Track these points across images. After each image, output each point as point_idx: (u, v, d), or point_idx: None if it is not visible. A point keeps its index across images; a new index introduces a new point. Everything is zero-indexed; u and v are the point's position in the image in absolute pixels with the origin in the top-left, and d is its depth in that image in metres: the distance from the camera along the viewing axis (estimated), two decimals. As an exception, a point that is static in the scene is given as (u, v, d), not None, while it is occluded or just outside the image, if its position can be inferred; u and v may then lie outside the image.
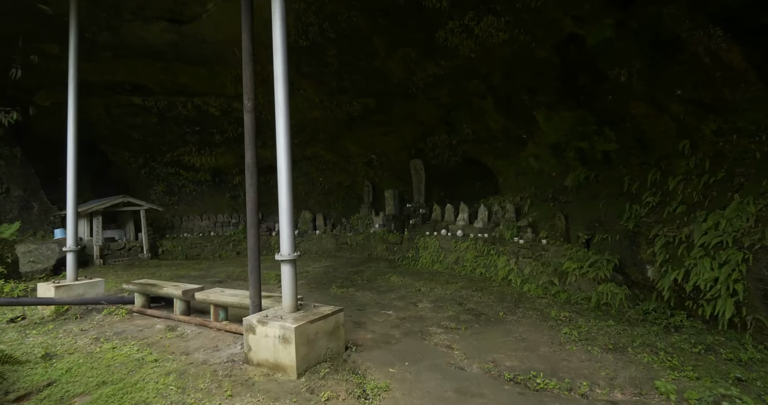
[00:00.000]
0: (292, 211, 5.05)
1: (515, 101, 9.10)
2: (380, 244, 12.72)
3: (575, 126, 8.04)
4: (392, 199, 13.60)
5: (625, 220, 6.89)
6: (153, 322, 6.92)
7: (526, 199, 9.74)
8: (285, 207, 5.03)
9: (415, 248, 11.28)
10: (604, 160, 7.95)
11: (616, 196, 7.44)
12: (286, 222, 5.02)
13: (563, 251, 7.58)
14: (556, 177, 9.24)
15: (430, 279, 9.49)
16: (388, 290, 8.91)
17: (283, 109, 5.11)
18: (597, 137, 7.78)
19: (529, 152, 9.73)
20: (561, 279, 7.41)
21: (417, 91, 10.60)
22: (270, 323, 4.53)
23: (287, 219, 5.02)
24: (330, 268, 11.75)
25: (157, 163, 15.90)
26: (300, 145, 14.46)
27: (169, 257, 15.69)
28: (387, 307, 7.56)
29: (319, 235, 15.02)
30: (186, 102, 12.51)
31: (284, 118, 5.09)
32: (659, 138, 6.75)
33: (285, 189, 5.08)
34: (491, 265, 9.00)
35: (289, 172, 5.09)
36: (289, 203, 5.03)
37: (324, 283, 9.97)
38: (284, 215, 5.01)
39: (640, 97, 6.60)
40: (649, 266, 6.36)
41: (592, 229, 7.53)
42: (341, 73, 10.49)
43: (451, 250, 10.19)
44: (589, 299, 6.92)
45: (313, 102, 11.83)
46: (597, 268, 6.79)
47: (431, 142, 12.56)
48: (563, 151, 8.75)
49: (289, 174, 5.09)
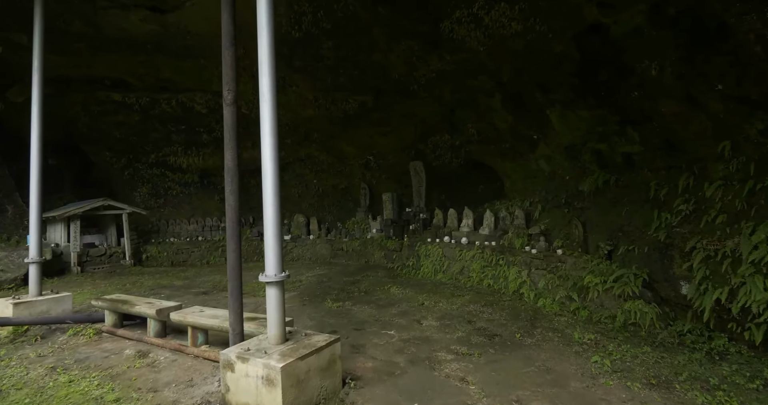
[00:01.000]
0: (278, 223, 4.24)
1: (526, 99, 8.38)
2: (378, 250, 11.95)
3: (594, 126, 7.33)
4: (390, 202, 12.84)
5: (654, 230, 6.17)
6: (122, 345, 6.08)
7: (537, 205, 9.02)
8: (271, 217, 4.23)
9: (415, 256, 10.52)
10: (626, 163, 7.24)
11: (641, 203, 6.74)
12: (272, 235, 4.21)
13: (582, 263, 6.86)
14: (569, 181, 8.53)
15: (433, 291, 8.72)
16: (389, 304, 8.14)
17: (269, 102, 4.31)
18: (618, 138, 7.08)
19: (540, 154, 9.01)
20: (581, 294, 6.68)
21: (418, 88, 9.85)
22: (252, 360, 3.73)
23: (273, 232, 4.21)
24: (324, 278, 10.94)
25: (142, 163, 15.00)
26: (293, 145, 13.65)
27: (153, 263, 14.78)
28: (388, 326, 6.78)
29: (313, 240, 14.21)
30: (170, 99, 11.65)
31: (270, 112, 4.30)
32: (692, 139, 6.05)
33: (271, 196, 4.28)
34: (500, 276, 8.26)
35: (276, 176, 4.28)
36: (276, 213, 4.22)
37: (318, 295, 9.17)
38: (270, 227, 4.20)
39: (671, 94, 5.90)
40: (684, 282, 5.65)
41: (614, 238, 6.82)
42: (337, 67, 9.71)
43: (455, 259, 9.44)
44: (614, 318, 6.19)
45: (306, 99, 11.04)
46: (623, 283, 6.07)
47: (432, 143, 11.82)
48: (578, 153, 8.04)
49: (276, 178, 4.28)
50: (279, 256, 4.25)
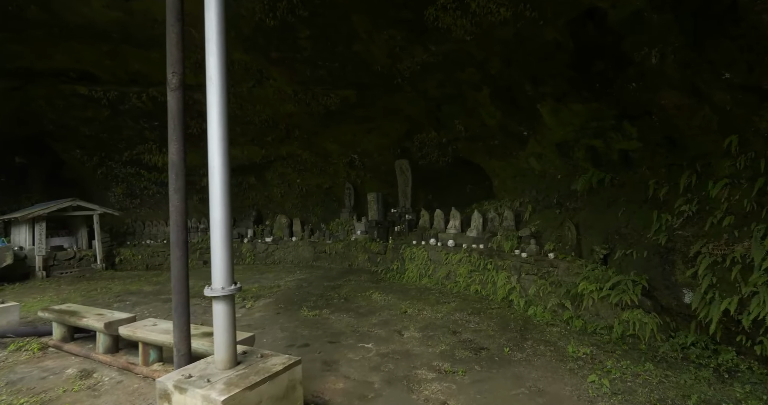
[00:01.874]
0: (228, 226, 3.59)
1: (516, 93, 7.84)
2: (362, 253, 11.33)
3: (588, 121, 6.80)
4: (375, 203, 12.23)
5: (654, 233, 5.65)
6: (67, 363, 5.40)
7: (527, 205, 8.49)
8: (219, 219, 3.57)
9: (400, 259, 9.93)
10: (622, 160, 6.73)
11: (639, 204, 6.22)
12: (220, 241, 3.56)
13: (576, 268, 6.33)
14: (561, 180, 8.01)
15: (417, 297, 8.13)
16: (369, 312, 7.53)
17: (218, 86, 3.65)
18: (614, 134, 6.56)
19: (530, 151, 8.48)
20: (574, 302, 6.14)
21: (403, 81, 9.26)
22: (190, 391, 3.09)
23: (222, 237, 3.55)
24: (304, 282, 10.30)
25: (115, 162, 14.20)
26: (273, 142, 12.97)
27: (127, 267, 14.01)
28: (366, 338, 6.18)
29: (295, 242, 13.55)
30: (140, 93, 10.91)
31: (219, 96, 3.63)
32: (695, 134, 5.54)
33: (219, 194, 3.61)
34: (488, 281, 7.70)
35: (225, 172, 3.62)
36: (225, 214, 3.56)
37: (295, 302, 8.53)
38: (218, 231, 3.55)
39: (673, 84, 5.38)
40: (687, 290, 5.13)
41: (610, 242, 6.30)
42: (316, 59, 9.08)
43: (441, 262, 8.87)
44: (611, 328, 5.66)
45: (285, 94, 10.38)
46: (621, 291, 5.54)
47: (419, 141, 11.23)
48: (571, 150, 7.52)
49: (225, 174, 3.62)
50: (228, 265, 3.60)
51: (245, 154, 13.58)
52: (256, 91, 10.41)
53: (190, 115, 11.75)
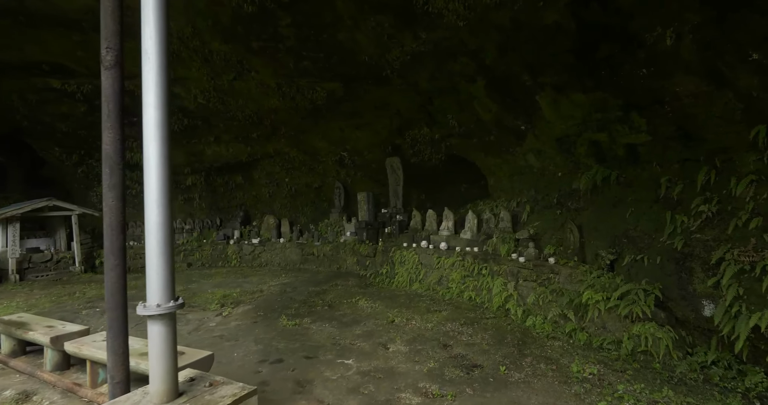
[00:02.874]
0: (167, 229, 2.88)
1: (513, 84, 7.17)
2: (350, 256, 10.64)
3: (591, 113, 6.14)
4: (366, 203, 11.54)
5: (668, 236, 4.99)
6: (8, 382, 4.74)
7: (525, 205, 7.82)
8: (156, 221, 2.85)
9: (390, 263, 9.25)
10: (629, 156, 6.07)
11: (649, 203, 5.56)
12: (157, 248, 2.85)
13: (579, 275, 5.66)
14: (562, 178, 7.35)
15: (406, 305, 7.45)
16: (353, 322, 6.85)
17: (156, 63, 2.93)
18: (621, 127, 5.90)
19: (528, 147, 7.81)
20: (578, 313, 5.47)
21: (392, 73, 8.57)
22: (104, 439, 2.41)
23: (159, 242, 2.84)
24: (289, 287, 9.60)
25: (96, 160, 13.44)
26: (259, 140, 12.26)
27: (108, 270, 13.24)
28: (347, 352, 5.50)
29: (282, 244, 12.84)
30: (116, 86, 10.17)
31: (158, 77, 2.92)
32: (714, 125, 4.88)
33: (156, 191, 2.89)
34: (483, 288, 7.02)
35: (164, 166, 2.88)
36: (163, 215, 2.85)
37: (276, 309, 7.85)
38: (154, 236, 2.84)
39: (690, 69, 4.72)
40: (708, 302, 4.47)
41: (617, 246, 5.63)
42: (299, 49, 8.38)
43: (432, 266, 8.19)
44: (619, 343, 4.99)
45: (268, 87, 9.68)
46: (631, 301, 4.87)
47: (410, 137, 10.55)
48: (572, 145, 6.86)
49: (163, 169, 2.88)
50: (167, 277, 2.91)
51: (230, 152, 12.87)
52: (238, 84, 9.71)
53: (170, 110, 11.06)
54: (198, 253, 13.62)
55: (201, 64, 9.24)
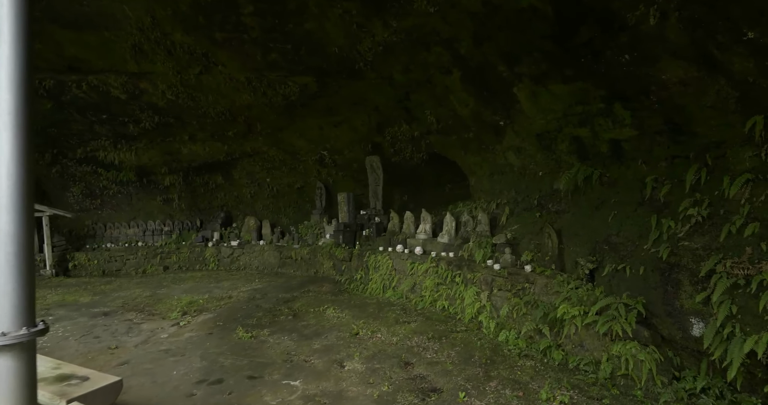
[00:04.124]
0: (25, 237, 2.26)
1: (489, 75, 6.56)
2: (327, 260, 10.05)
3: (572, 105, 5.53)
4: (346, 204, 10.96)
5: (653, 244, 4.38)
6: None
7: (504, 207, 7.21)
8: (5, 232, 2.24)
9: (365, 268, 8.65)
10: (613, 152, 5.46)
11: (633, 206, 4.95)
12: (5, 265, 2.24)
13: (556, 285, 5.05)
14: (543, 177, 6.74)
15: (375, 315, 6.85)
16: (315, 334, 6.27)
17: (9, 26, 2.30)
18: (603, 120, 5.28)
19: (508, 144, 7.20)
20: (553, 329, 4.86)
21: (365, 66, 7.98)
22: None
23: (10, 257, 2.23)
24: (259, 293, 9.02)
25: (69, 160, 12.91)
26: (236, 138, 11.69)
27: (82, 273, 12.76)
28: (297, 371, 4.92)
29: (262, 246, 12.27)
30: (80, 81, 9.63)
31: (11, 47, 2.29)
32: (705, 116, 4.27)
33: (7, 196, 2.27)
34: (456, 297, 6.42)
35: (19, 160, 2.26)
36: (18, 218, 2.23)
37: (237, 318, 7.28)
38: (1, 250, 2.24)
39: (678, 52, 4.11)
40: (697, 320, 3.86)
41: (597, 253, 5.02)
42: (265, 40, 7.80)
43: (406, 273, 7.59)
44: (598, 364, 4.38)
45: (238, 82, 9.10)
46: (610, 317, 4.26)
47: (390, 135, 9.95)
48: (553, 141, 6.25)
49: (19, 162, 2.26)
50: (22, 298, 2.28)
51: (207, 151, 12.31)
52: (206, 78, 9.14)
53: (139, 106, 10.52)
54: (175, 255, 13.07)
55: (165, 58, 8.67)
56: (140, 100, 10.12)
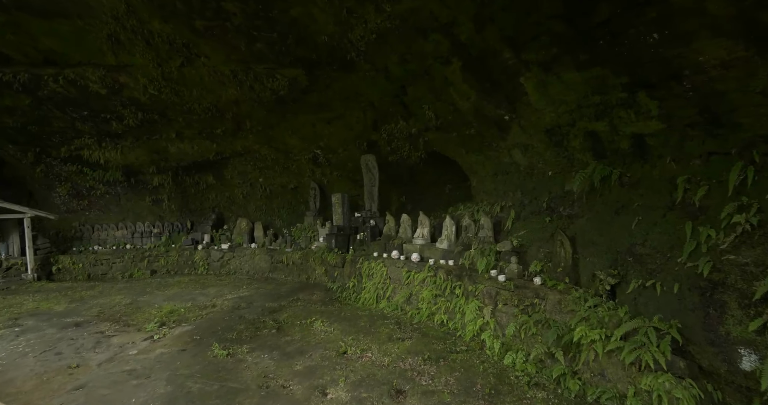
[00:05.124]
0: None
1: (493, 63, 5.85)
2: (319, 265, 9.36)
3: (587, 95, 4.81)
4: (341, 205, 10.27)
5: (689, 257, 3.67)
6: None
7: (509, 210, 6.51)
8: None
9: (358, 275, 7.96)
10: (636, 149, 4.74)
11: (662, 211, 4.23)
12: None
13: (571, 302, 4.34)
14: (553, 178, 6.03)
15: (366, 330, 6.14)
16: (299, 352, 5.58)
17: None
18: (624, 112, 4.57)
19: (514, 141, 6.48)
20: (569, 353, 4.15)
21: (358, 57, 7.29)
22: None
23: None
24: (245, 302, 8.34)
25: (54, 159, 12.27)
26: (225, 136, 11.03)
27: (66, 277, 12.13)
28: (272, 401, 4.24)
29: (253, 250, 11.60)
30: (56, 75, 8.98)
31: None
32: (752, 104, 3.55)
33: None
34: (456, 311, 5.71)
35: None
36: None
37: (217, 331, 6.61)
38: None
39: (720, 27, 3.40)
40: (748, 351, 3.15)
41: (620, 266, 4.31)
42: (249, 28, 7.12)
43: (402, 282, 6.89)
44: (623, 399, 3.67)
45: (222, 75, 8.43)
46: (638, 343, 3.55)
47: (386, 132, 9.25)
48: (565, 137, 5.54)
49: None
50: None
51: (196, 149, 11.65)
52: (188, 71, 8.47)
53: (121, 102, 9.86)
54: (164, 259, 12.42)
55: (144, 49, 8.02)
56: (121, 96, 9.46)
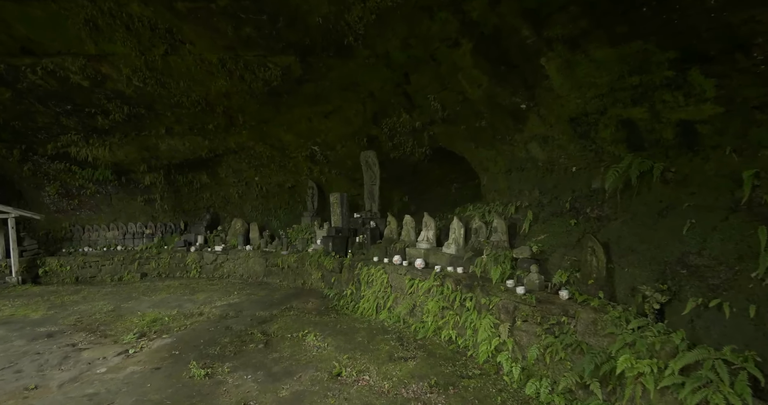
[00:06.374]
0: None
1: (509, 44, 5.06)
2: (315, 270, 8.59)
3: (623, 76, 4.02)
4: (339, 206, 9.50)
5: (767, 271, 2.88)
6: None
7: (525, 211, 5.71)
8: None
9: (356, 282, 7.18)
10: (683, 139, 3.94)
11: (723, 213, 3.43)
12: None
13: (609, 323, 3.55)
14: (578, 174, 5.23)
15: (364, 346, 5.36)
16: (287, 373, 4.81)
17: None
18: (670, 94, 3.78)
19: (531, 133, 5.69)
20: (607, 385, 3.36)
21: (356, 41, 6.51)
22: None
23: None
24: (234, 310, 7.59)
25: (41, 156, 11.56)
26: (217, 132, 10.29)
27: (53, 280, 11.44)
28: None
29: (247, 252, 10.85)
30: (34, 65, 8.24)
31: None
32: None
33: None
34: (467, 326, 4.93)
35: None
36: None
37: (199, 345, 5.85)
38: None
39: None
40: None
41: (670, 279, 3.51)
42: (236, 10, 6.35)
43: (404, 291, 6.11)
44: (682, 450, 2.88)
45: (210, 64, 7.68)
46: (704, 380, 2.76)
47: (388, 126, 8.47)
48: (593, 127, 4.75)
49: None
50: None
51: (187, 146, 10.92)
52: (173, 60, 7.72)
53: (105, 95, 9.12)
54: (155, 261, 11.69)
55: (124, 35, 7.26)
56: (105, 88, 8.71)
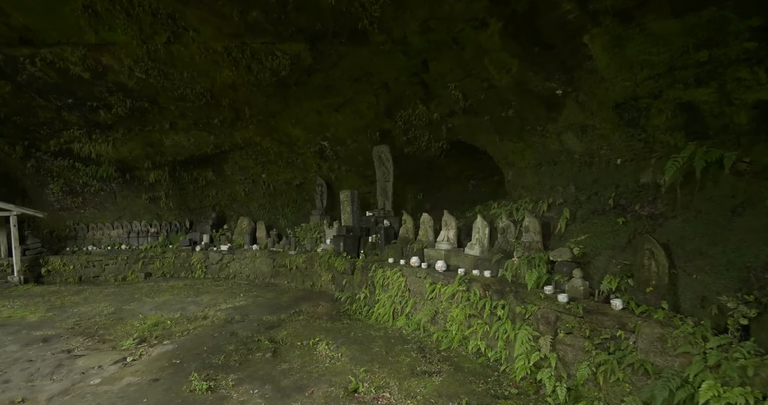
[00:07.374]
0: None
1: (545, 21, 4.47)
2: (326, 271, 8.05)
3: (687, 51, 3.42)
4: (350, 204, 8.96)
5: None
6: None
7: (560, 209, 5.12)
8: None
9: (370, 285, 6.63)
10: (760, 124, 3.34)
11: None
12: None
13: (681, 340, 2.97)
14: (623, 167, 4.63)
15: (382, 358, 4.80)
16: (297, 387, 4.27)
17: None
18: (747, 71, 3.18)
19: (567, 123, 5.10)
20: (683, 417, 2.77)
21: (371, 25, 5.94)
22: None
23: None
24: (239, 314, 7.07)
25: (44, 153, 11.17)
26: (223, 127, 9.79)
27: (56, 280, 11.03)
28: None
29: (254, 252, 10.35)
30: (33, 56, 7.78)
31: None
32: None
33: None
34: (499, 337, 4.35)
35: None
36: None
37: (201, 353, 5.34)
38: None
39: None
40: None
41: (757, 289, 2.92)
42: (242, -8, 5.85)
43: (424, 296, 5.55)
44: None
45: (215, 53, 7.16)
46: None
47: (402, 119, 7.90)
48: (642, 113, 4.15)
49: None
50: None
51: (192, 142, 10.44)
52: (177, 49, 7.21)
53: (107, 88, 8.65)
54: (159, 261, 11.23)
55: (125, 22, 6.76)
56: (106, 80, 8.23)
